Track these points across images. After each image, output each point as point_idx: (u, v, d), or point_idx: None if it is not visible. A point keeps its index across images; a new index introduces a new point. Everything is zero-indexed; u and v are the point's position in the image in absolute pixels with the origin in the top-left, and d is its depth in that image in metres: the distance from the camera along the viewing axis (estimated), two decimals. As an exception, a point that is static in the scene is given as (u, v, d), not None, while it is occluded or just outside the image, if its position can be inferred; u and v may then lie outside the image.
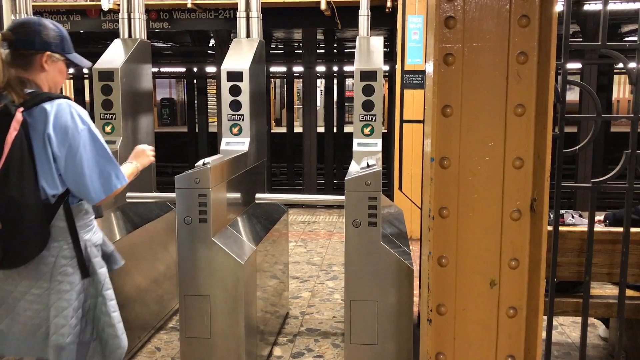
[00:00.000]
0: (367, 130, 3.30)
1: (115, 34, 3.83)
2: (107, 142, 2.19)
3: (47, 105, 1.95)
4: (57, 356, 2.02)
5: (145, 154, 2.40)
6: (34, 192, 1.91)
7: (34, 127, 1.93)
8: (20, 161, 1.87)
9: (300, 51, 10.50)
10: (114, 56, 3.51)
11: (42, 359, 2.08)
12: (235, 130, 3.43)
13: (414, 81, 6.16)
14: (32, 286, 2.04)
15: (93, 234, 2.14)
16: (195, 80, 13.07)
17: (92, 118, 2.13)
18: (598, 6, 7.34)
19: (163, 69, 17.11)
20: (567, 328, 3.92)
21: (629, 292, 2.77)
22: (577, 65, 8.86)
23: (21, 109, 1.90)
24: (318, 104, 11.19)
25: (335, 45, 11.50)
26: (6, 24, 3.94)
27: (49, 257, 2.01)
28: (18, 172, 1.87)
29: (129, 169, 2.25)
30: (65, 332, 2.01)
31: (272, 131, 12.79)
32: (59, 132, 1.94)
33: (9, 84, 1.94)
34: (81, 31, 7.92)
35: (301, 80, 10.37)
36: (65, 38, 2.11)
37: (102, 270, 2.14)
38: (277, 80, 22.04)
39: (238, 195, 3.31)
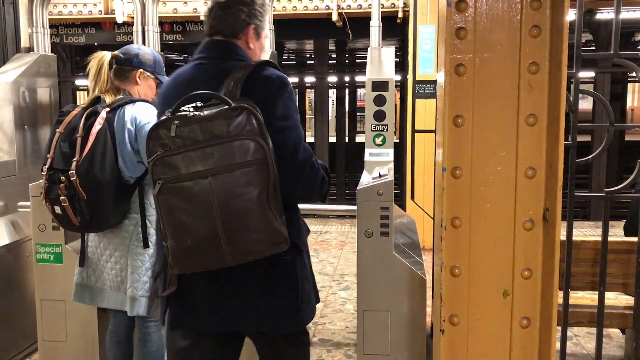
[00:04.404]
0: (378, 140, 3.31)
1: (129, 47, 3.87)
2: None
3: (129, 107, 2.49)
4: (132, 306, 2.52)
5: None
6: (114, 174, 2.41)
7: (117, 123, 2.45)
8: (102, 149, 2.39)
9: (312, 62, 10.54)
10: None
11: (124, 310, 2.58)
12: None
13: (425, 91, 6.17)
14: (116, 249, 2.56)
15: None
16: (207, 91, 13.15)
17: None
18: (610, 15, 7.31)
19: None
20: (581, 339, 3.88)
21: (645, 303, 2.74)
22: (590, 74, 8.82)
23: (107, 109, 2.46)
24: (330, 114, 11.22)
25: (346, 55, 11.54)
26: (23, 36, 4.01)
27: (129, 225, 2.54)
28: (101, 158, 2.38)
29: None
30: (138, 286, 2.51)
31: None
32: (135, 127, 2.45)
33: (109, 90, 2.54)
34: (95, 43, 8.02)
35: (313, 90, 10.40)
36: (158, 62, 2.69)
37: None
38: (289, 91, 22.08)
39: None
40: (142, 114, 2.49)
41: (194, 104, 1.66)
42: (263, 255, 1.68)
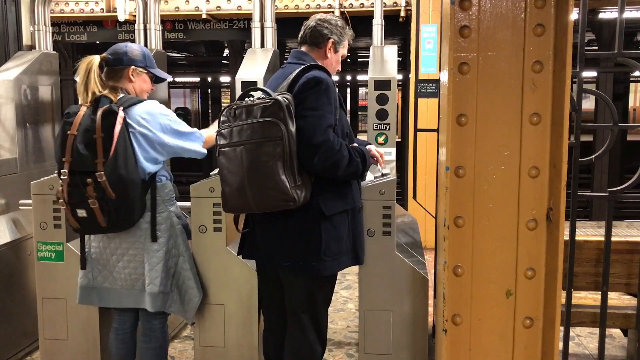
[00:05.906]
0: (381, 139, 3.30)
1: (131, 45, 3.86)
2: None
3: (139, 106, 2.53)
4: (152, 302, 2.58)
5: None
6: (136, 172, 2.48)
7: (131, 122, 2.50)
8: (124, 148, 2.44)
9: (314, 60, 10.50)
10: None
11: (140, 307, 2.64)
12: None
13: (427, 90, 6.15)
14: (129, 248, 2.59)
15: (175, 208, 2.70)
16: (209, 90, 13.16)
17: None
18: (614, 14, 7.29)
19: (177, 79, 17.27)
20: (584, 339, 3.87)
21: (648, 303, 2.73)
22: (592, 73, 8.80)
23: (122, 108, 2.47)
24: (331, 113, 11.21)
25: (348, 54, 11.54)
26: (25, 34, 4.01)
27: (143, 223, 2.57)
28: (124, 157, 2.44)
29: (208, 132, 2.76)
30: (157, 282, 2.57)
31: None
32: (151, 124, 2.51)
33: (107, 90, 2.55)
34: (97, 42, 8.02)
35: (315, 89, 10.40)
36: (147, 56, 2.70)
37: (183, 236, 2.69)
38: (291, 90, 22.04)
39: (252, 204, 3.31)
40: (152, 113, 2.52)
41: (259, 95, 2.29)
42: (276, 208, 2.21)
